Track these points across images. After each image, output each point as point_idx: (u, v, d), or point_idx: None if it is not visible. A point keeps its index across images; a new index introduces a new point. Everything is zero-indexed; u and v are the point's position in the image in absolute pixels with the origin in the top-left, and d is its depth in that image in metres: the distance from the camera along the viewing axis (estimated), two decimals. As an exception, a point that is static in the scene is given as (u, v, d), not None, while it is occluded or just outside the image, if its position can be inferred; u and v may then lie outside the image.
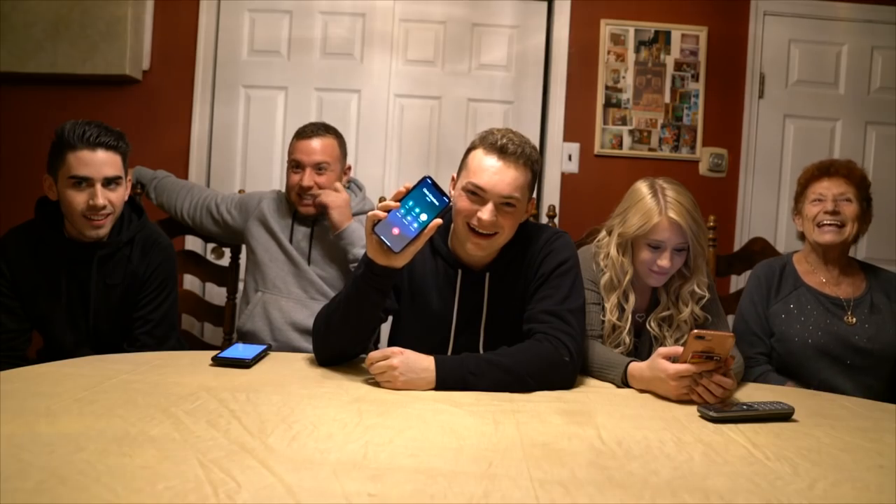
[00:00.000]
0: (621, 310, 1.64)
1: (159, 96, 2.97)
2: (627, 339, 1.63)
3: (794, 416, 1.25)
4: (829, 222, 1.81)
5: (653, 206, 1.58)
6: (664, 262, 1.58)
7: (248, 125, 3.03)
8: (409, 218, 1.31)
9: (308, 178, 1.99)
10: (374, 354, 1.34)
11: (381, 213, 1.30)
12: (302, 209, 2.03)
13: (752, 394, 1.45)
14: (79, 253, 1.68)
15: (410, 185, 1.32)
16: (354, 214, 2.03)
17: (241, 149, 3.03)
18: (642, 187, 1.64)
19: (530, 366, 1.37)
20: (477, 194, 1.44)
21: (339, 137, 2.08)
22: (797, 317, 1.82)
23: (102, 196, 1.60)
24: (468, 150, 1.51)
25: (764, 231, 2.84)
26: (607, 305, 1.65)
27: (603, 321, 1.65)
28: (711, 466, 0.98)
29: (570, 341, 1.42)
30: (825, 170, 1.85)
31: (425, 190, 1.32)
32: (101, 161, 1.60)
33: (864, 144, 3.07)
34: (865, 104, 3.07)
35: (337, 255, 2.02)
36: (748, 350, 1.81)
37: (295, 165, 2.02)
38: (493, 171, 1.43)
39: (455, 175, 1.55)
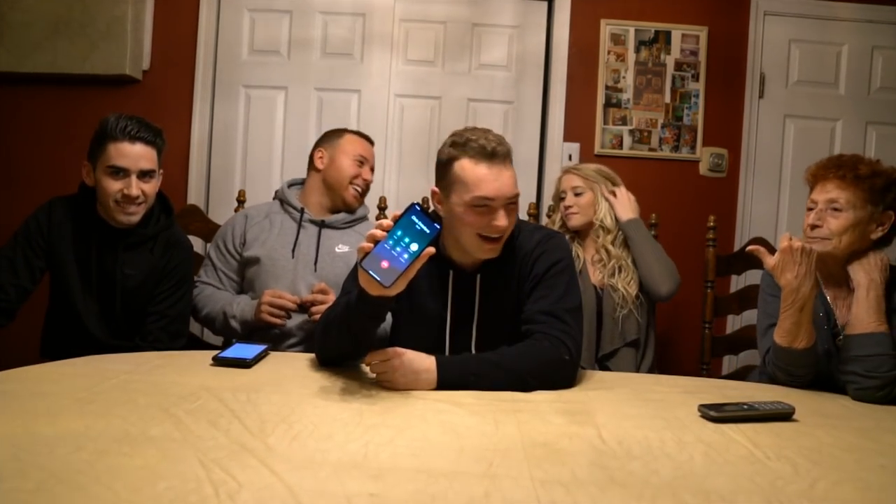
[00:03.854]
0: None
1: (159, 96, 2.96)
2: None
3: (795, 416, 1.25)
4: (810, 235, 1.62)
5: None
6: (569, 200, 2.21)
7: (248, 125, 3.03)
8: (398, 249, 1.23)
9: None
10: (374, 354, 1.34)
11: (368, 246, 1.23)
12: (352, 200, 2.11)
13: (753, 394, 1.44)
14: (106, 236, 1.77)
15: (398, 213, 1.26)
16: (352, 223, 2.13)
17: (241, 149, 3.03)
18: None
19: (531, 365, 1.37)
20: (486, 206, 1.44)
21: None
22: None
23: (136, 187, 1.70)
24: (450, 161, 1.47)
25: (764, 231, 2.83)
26: None
27: None
28: (712, 466, 0.98)
29: (569, 340, 1.42)
30: (817, 172, 1.66)
31: (414, 217, 1.25)
32: (139, 154, 1.71)
33: (864, 144, 3.07)
34: (865, 104, 3.07)
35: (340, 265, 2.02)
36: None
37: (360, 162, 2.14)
38: (493, 179, 1.43)
39: (437, 188, 1.52)
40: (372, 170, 2.17)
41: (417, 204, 1.27)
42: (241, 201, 2.42)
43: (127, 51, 2.81)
